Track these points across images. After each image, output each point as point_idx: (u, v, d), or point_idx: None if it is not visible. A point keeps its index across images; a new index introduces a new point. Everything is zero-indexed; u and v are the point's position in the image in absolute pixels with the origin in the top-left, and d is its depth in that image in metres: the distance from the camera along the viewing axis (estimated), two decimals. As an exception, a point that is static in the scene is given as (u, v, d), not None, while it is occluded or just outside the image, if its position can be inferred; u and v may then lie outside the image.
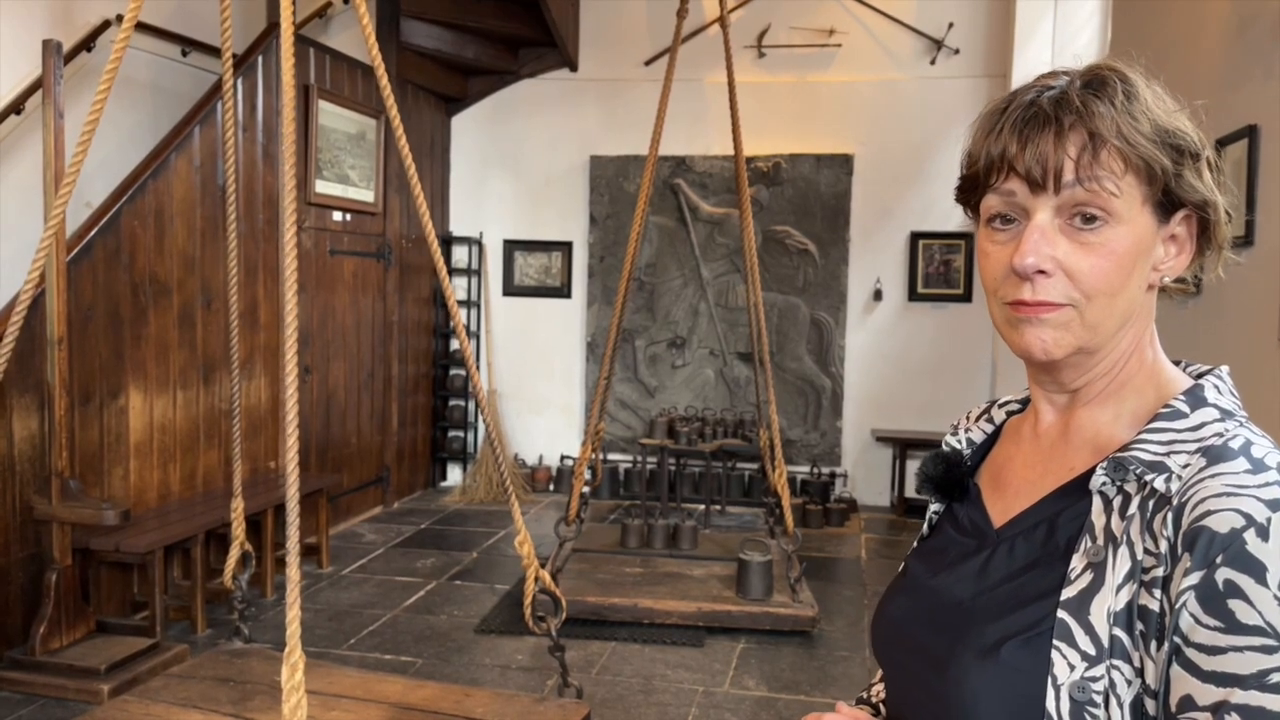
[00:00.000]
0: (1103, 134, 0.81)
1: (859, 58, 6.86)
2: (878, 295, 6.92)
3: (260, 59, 5.17)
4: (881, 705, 1.08)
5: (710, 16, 6.71)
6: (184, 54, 5.46)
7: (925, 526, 1.05)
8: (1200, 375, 0.89)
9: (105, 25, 4.95)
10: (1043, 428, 0.94)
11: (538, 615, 3.05)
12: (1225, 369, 0.89)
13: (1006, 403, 1.05)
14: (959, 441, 1.05)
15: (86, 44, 4.87)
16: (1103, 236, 0.82)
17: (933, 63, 6.73)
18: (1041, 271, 0.83)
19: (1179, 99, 0.86)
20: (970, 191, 0.90)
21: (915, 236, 6.83)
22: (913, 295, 6.89)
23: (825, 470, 6.89)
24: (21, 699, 3.62)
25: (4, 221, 4.50)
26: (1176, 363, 0.92)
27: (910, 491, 6.77)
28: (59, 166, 3.68)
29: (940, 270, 6.82)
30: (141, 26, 4.99)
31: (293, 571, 1.93)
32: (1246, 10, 3.40)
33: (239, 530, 3.20)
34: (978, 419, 1.06)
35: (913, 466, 6.72)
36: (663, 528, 5.31)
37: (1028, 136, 0.83)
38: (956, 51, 6.69)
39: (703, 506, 6.36)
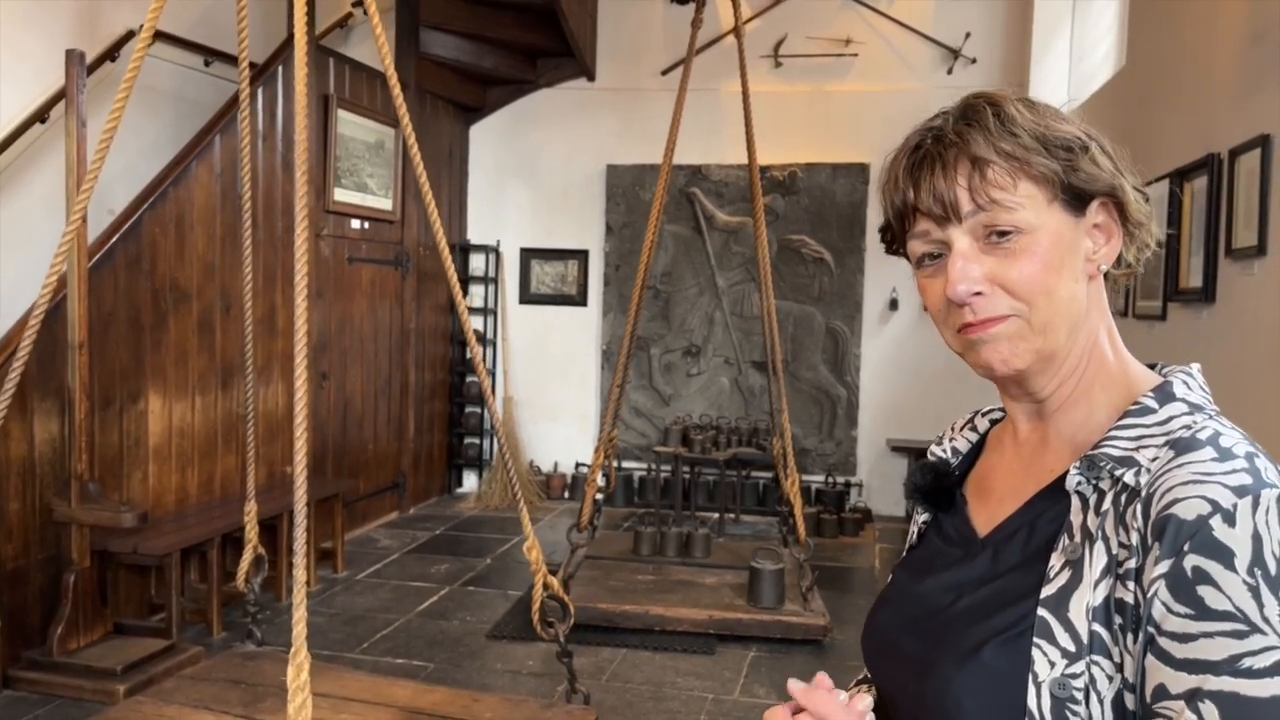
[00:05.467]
0: (983, 157, 0.85)
1: (875, 67, 6.86)
2: (893, 305, 6.91)
3: (280, 69, 5.24)
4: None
5: (727, 27, 6.73)
6: (206, 64, 5.54)
7: (914, 537, 1.06)
8: (1169, 375, 0.89)
9: (129, 35, 5.04)
10: (1022, 436, 0.95)
11: (546, 621, 3.07)
12: (1196, 366, 0.90)
13: (990, 411, 1.06)
14: (944, 451, 1.05)
15: (110, 54, 4.95)
16: (1021, 243, 0.85)
17: (950, 72, 6.73)
18: (977, 293, 0.86)
19: (1050, 107, 0.90)
20: (893, 242, 0.95)
21: (932, 246, 6.81)
22: (929, 305, 6.86)
23: (840, 479, 6.88)
24: (39, 699, 3.67)
25: (31, 228, 4.58)
26: (1152, 365, 0.93)
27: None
28: (81, 173, 3.75)
29: (957, 280, 6.79)
30: (164, 37, 5.08)
31: (299, 573, 1.95)
32: (1261, 20, 3.38)
33: (252, 534, 3.24)
34: (962, 428, 1.07)
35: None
36: (676, 535, 5.31)
37: (919, 178, 0.88)
38: (974, 61, 6.68)
39: (716, 515, 6.36)
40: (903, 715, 0.93)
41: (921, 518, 1.04)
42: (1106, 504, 0.82)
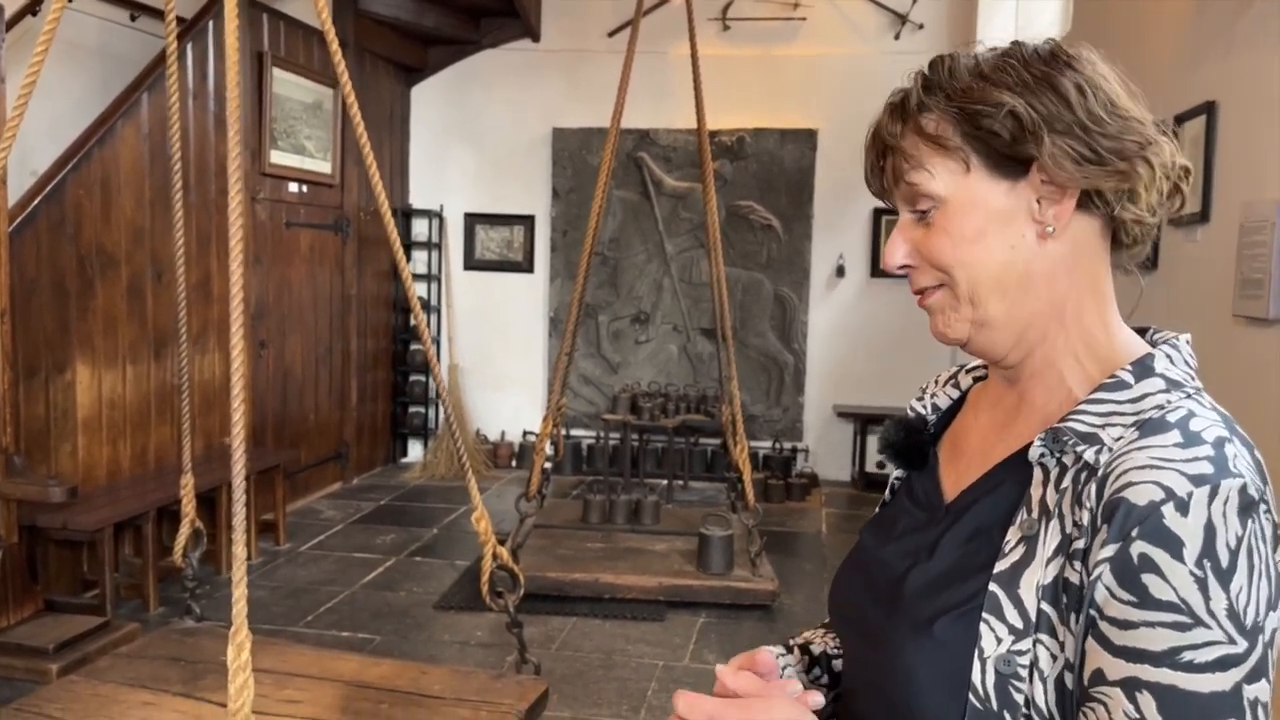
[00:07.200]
0: (888, 141, 0.89)
1: (824, 32, 6.82)
2: (840, 271, 6.93)
3: (211, 24, 5.04)
4: (798, 649, 1.06)
5: (674, -12, 6.63)
6: (132, 18, 5.29)
7: (887, 493, 1.04)
8: (1157, 345, 0.86)
9: (49, -13, 4.79)
10: (997, 398, 0.93)
11: (495, 591, 3.02)
12: (1185, 337, 0.87)
13: (974, 368, 1.02)
14: (924, 407, 1.02)
15: (32, 8, 4.69)
16: (936, 216, 0.87)
17: (897, 37, 6.71)
18: (909, 266, 0.89)
19: (1008, 57, 0.85)
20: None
21: (878, 213, 6.84)
22: (875, 272, 6.90)
23: (787, 445, 6.92)
24: (-34, 680, 3.54)
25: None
26: (1144, 330, 0.89)
27: (871, 466, 6.81)
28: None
29: (903, 246, 6.83)
30: (88, -11, 4.83)
31: (238, 549, 1.88)
32: (1206, -14, 3.40)
33: (189, 507, 3.13)
34: (945, 383, 1.04)
35: (873, 441, 6.76)
36: (625, 503, 5.30)
37: (870, 153, 0.93)
38: (921, 26, 6.67)
39: (665, 482, 6.36)
40: (862, 678, 0.92)
41: (895, 474, 1.03)
42: (1066, 480, 0.80)
